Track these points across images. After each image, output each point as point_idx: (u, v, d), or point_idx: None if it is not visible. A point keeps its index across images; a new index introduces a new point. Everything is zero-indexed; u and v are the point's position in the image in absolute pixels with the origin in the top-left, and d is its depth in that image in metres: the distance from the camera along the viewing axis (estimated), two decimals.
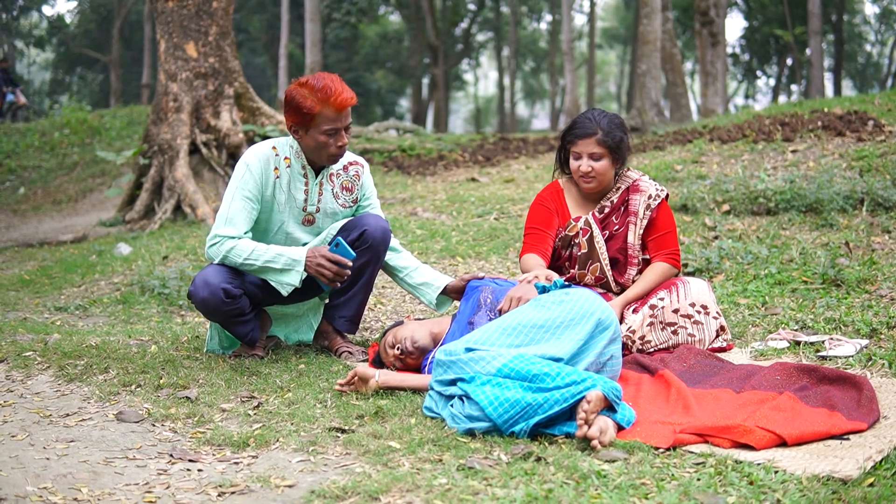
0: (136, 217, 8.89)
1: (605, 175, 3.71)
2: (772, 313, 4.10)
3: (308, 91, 3.46)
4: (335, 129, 3.51)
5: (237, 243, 3.52)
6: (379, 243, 3.72)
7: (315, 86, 3.46)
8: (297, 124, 3.53)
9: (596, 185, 3.74)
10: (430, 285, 3.86)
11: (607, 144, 3.65)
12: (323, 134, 3.50)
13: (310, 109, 3.46)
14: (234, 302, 3.55)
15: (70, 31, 36.46)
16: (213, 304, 3.50)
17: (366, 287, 3.82)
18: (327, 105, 3.45)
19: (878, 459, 2.37)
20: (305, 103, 3.45)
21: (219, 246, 3.52)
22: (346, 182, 3.79)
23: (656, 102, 13.57)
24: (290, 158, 3.65)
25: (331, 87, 3.45)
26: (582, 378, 2.60)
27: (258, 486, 2.32)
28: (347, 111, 3.51)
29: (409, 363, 3.42)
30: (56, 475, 2.41)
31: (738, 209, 5.99)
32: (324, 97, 3.44)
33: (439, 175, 9.69)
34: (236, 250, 3.51)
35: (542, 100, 48.64)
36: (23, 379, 3.43)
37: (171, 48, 9.04)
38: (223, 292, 3.50)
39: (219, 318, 3.61)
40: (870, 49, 36.83)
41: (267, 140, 3.72)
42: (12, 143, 15.43)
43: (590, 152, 3.67)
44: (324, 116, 3.47)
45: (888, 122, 7.50)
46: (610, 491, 2.19)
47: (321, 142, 3.53)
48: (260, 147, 3.67)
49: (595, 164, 3.68)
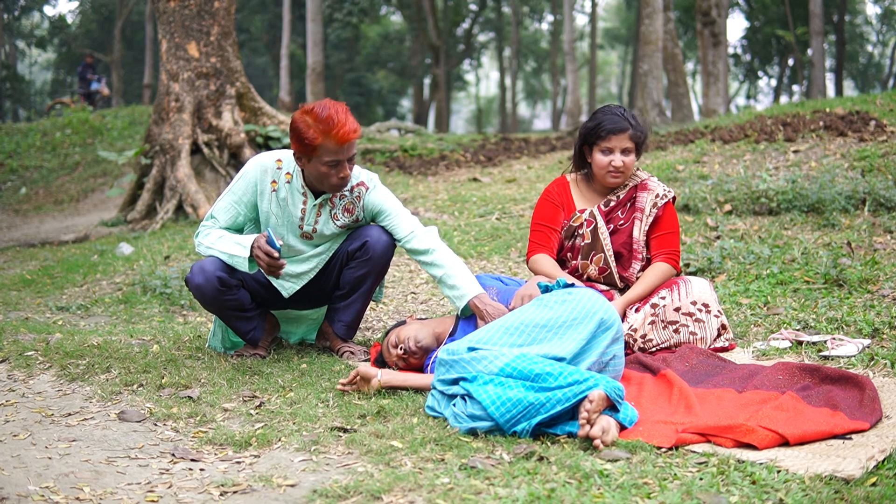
0: (138, 217, 8.89)
1: (630, 170, 3.76)
2: (774, 313, 4.10)
3: (312, 120, 3.38)
4: (337, 161, 3.44)
5: (209, 230, 3.61)
6: (378, 257, 3.69)
7: (319, 115, 3.37)
8: (299, 152, 3.47)
9: (623, 179, 3.78)
10: (454, 301, 3.59)
11: (637, 139, 3.71)
12: (325, 165, 3.44)
13: (311, 140, 3.38)
14: (229, 292, 3.57)
15: (71, 31, 36.52)
16: (208, 291, 3.54)
17: (365, 297, 3.81)
18: (329, 137, 3.36)
19: (881, 459, 2.36)
20: (308, 133, 3.38)
21: (198, 235, 3.65)
22: (348, 203, 3.71)
23: (658, 103, 13.57)
24: (291, 175, 3.62)
25: (334, 118, 3.36)
26: (584, 378, 2.60)
27: (260, 486, 2.32)
28: (351, 143, 3.42)
29: (412, 363, 3.41)
30: (58, 474, 2.41)
31: (740, 209, 5.98)
32: (326, 129, 3.36)
33: (441, 175, 9.69)
34: (204, 235, 3.61)
35: (544, 100, 48.66)
36: (25, 378, 3.43)
37: (173, 48, 9.04)
38: (218, 280, 3.52)
39: (215, 308, 3.63)
40: (871, 49, 36.82)
41: (276, 151, 3.69)
42: (14, 143, 15.44)
43: (623, 147, 3.71)
44: (325, 148, 3.40)
45: (890, 122, 7.50)
46: (612, 490, 2.19)
47: (322, 172, 3.47)
48: (264, 157, 3.66)
49: (625, 159, 3.72)
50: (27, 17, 38.01)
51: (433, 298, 4.99)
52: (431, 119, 34.97)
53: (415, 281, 5.40)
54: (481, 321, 3.43)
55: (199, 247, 3.63)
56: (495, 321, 3.06)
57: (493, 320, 3.36)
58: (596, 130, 3.74)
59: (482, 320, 3.43)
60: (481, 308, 3.45)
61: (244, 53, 30.73)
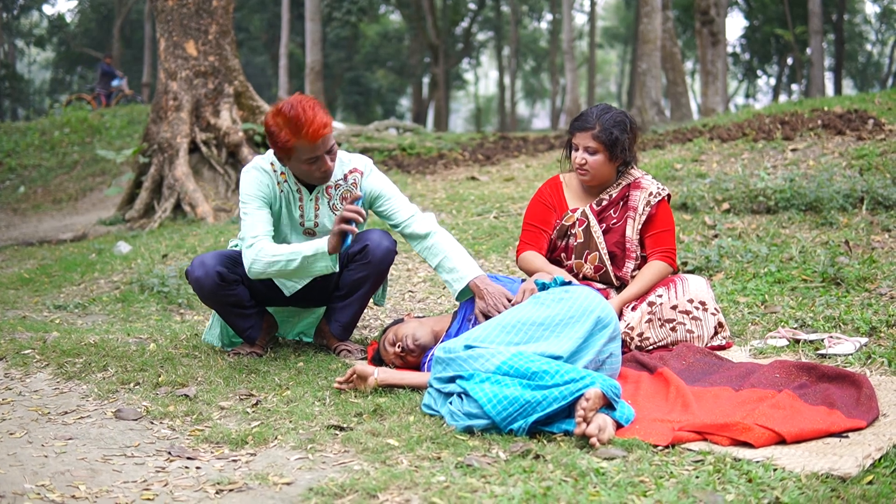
0: (136, 216, 8.89)
1: (598, 170, 3.73)
2: (771, 311, 4.10)
3: (282, 121, 3.33)
4: (315, 157, 3.41)
5: (261, 245, 3.46)
6: (378, 262, 3.66)
7: (288, 115, 3.31)
8: (278, 154, 3.44)
9: (590, 178, 3.76)
10: (452, 284, 3.60)
11: (601, 140, 3.69)
12: (304, 163, 3.42)
13: (285, 143, 3.35)
14: (228, 287, 3.56)
15: (70, 30, 36.50)
16: (206, 285, 3.52)
17: (362, 299, 3.80)
18: (300, 137, 3.32)
19: (878, 457, 2.36)
20: (280, 136, 3.34)
21: (252, 264, 3.46)
22: (345, 192, 3.68)
23: (657, 101, 13.57)
24: (286, 175, 3.60)
25: (301, 117, 3.30)
26: (581, 376, 2.60)
27: (256, 484, 2.32)
28: (325, 138, 3.36)
29: (409, 361, 3.41)
30: (54, 473, 2.41)
31: (738, 208, 5.98)
32: (295, 129, 3.31)
33: (439, 174, 9.69)
34: (265, 250, 3.44)
35: (543, 99, 48.66)
36: (21, 377, 3.43)
37: (171, 47, 9.04)
38: (217, 275, 3.51)
39: (214, 302, 3.62)
40: (870, 48, 36.84)
41: (265, 156, 3.65)
42: (12, 141, 15.44)
43: (585, 145, 3.71)
44: (300, 148, 3.36)
45: (888, 120, 7.50)
46: (608, 489, 2.18)
47: (304, 170, 3.46)
48: (258, 162, 3.60)
49: (589, 158, 3.71)
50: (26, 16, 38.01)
51: (431, 297, 4.99)
52: (430, 118, 34.96)
53: (412, 280, 5.40)
54: (480, 301, 3.42)
55: (257, 264, 3.43)
56: (493, 319, 3.05)
57: (491, 299, 3.38)
58: (570, 126, 3.81)
59: (481, 300, 3.42)
60: (481, 287, 3.43)
61: (243, 52, 30.71)
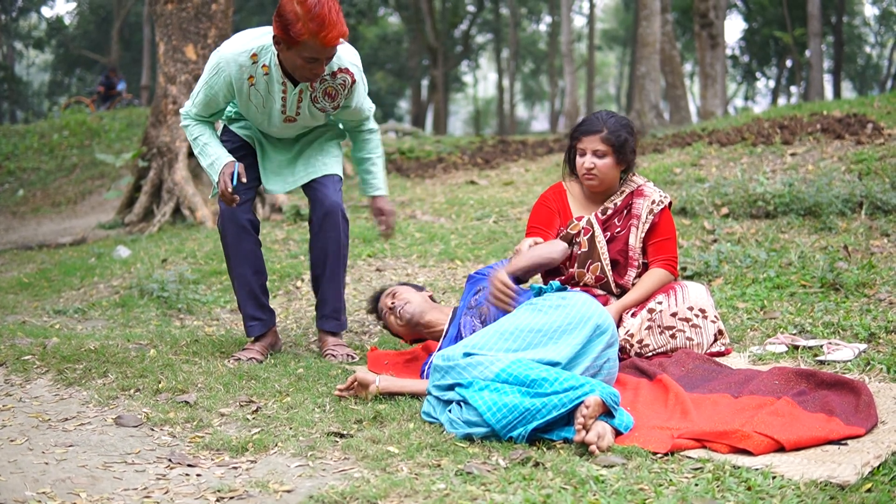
0: (135, 220, 8.88)
1: (606, 174, 3.74)
2: (770, 317, 4.11)
3: (304, 13, 3.21)
4: (316, 59, 3.36)
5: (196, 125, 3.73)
6: (330, 228, 3.81)
7: (312, 11, 3.21)
8: (280, 39, 3.35)
9: (598, 183, 3.76)
10: (365, 182, 4.01)
11: (611, 142, 3.69)
12: (302, 59, 3.35)
13: (297, 35, 3.25)
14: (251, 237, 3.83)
15: (69, 32, 36.47)
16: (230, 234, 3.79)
17: (332, 278, 3.89)
18: (316, 38, 3.24)
19: (876, 465, 2.37)
20: (295, 27, 3.23)
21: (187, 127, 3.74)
22: (329, 88, 3.62)
23: (655, 104, 13.58)
24: (268, 67, 3.53)
25: (325, 19, 3.21)
26: (580, 383, 2.61)
27: (256, 492, 2.32)
28: (336, 46, 3.33)
29: (394, 328, 3.75)
30: (55, 480, 2.41)
31: (737, 212, 5.99)
32: (315, 29, 3.22)
33: (438, 178, 9.70)
34: (194, 129, 3.73)
35: (542, 101, 48.67)
36: (21, 383, 3.43)
37: (171, 50, 9.04)
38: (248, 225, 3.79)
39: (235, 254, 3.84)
40: (869, 51, 36.85)
41: (246, 40, 3.55)
42: (11, 144, 15.43)
43: (594, 149, 3.71)
44: (308, 46, 3.28)
45: (887, 124, 7.51)
46: (608, 496, 2.19)
47: (298, 64, 3.39)
48: (236, 51, 3.52)
49: (597, 162, 3.71)
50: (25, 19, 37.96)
51: None
52: (429, 120, 34.96)
53: (411, 279, 5.39)
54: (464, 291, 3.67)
55: (191, 137, 3.73)
56: (491, 326, 3.06)
57: (392, 218, 3.94)
58: (574, 132, 3.80)
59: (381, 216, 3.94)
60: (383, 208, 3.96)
61: None
